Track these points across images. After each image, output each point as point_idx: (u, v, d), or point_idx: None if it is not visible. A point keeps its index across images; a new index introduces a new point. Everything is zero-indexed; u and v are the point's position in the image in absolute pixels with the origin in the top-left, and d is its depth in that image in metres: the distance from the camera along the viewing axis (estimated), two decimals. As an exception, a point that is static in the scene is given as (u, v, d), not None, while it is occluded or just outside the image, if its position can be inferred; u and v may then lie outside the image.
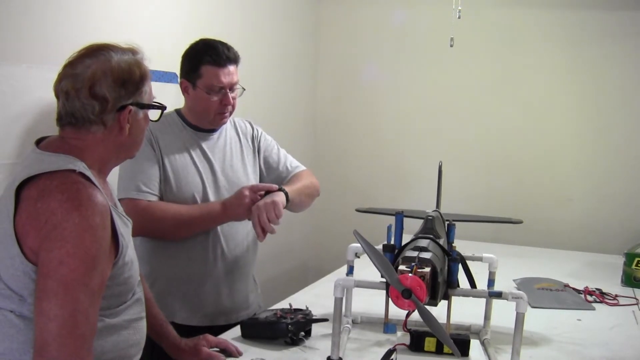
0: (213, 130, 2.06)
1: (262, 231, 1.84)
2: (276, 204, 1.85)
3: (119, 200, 1.83)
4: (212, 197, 1.98)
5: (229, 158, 2.06)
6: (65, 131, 1.29)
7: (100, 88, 1.25)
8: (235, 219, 1.94)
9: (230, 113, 2.03)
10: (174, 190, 1.93)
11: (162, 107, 1.41)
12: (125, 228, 1.32)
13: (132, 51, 1.33)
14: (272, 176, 2.14)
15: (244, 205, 1.88)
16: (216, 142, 2.06)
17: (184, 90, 2.01)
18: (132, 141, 1.35)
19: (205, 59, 1.93)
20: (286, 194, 1.94)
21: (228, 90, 1.96)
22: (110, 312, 1.29)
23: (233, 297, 2.03)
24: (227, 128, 2.11)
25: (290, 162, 2.19)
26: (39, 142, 1.31)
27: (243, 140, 2.13)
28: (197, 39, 2.01)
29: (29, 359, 1.19)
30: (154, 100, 1.39)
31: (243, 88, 2.03)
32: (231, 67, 1.96)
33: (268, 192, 1.92)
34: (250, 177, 2.09)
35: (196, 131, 2.03)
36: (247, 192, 1.90)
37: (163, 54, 2.26)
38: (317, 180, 2.20)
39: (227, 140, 2.09)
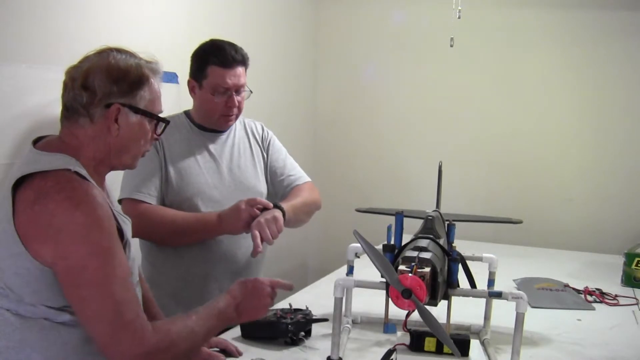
0: (221, 131, 2.04)
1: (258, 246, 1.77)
2: (277, 220, 1.81)
3: (119, 200, 1.84)
4: (217, 197, 1.96)
5: (237, 158, 2.04)
6: (63, 129, 1.30)
7: (92, 81, 1.26)
8: (232, 232, 1.88)
9: (237, 116, 2.01)
10: (175, 190, 1.92)
11: (163, 120, 1.38)
12: (125, 226, 1.32)
13: (143, 59, 1.33)
14: (274, 183, 2.12)
15: (242, 220, 1.81)
16: (224, 143, 2.04)
17: (191, 90, 2.00)
18: (120, 145, 1.31)
19: (212, 59, 1.92)
20: (283, 212, 1.87)
21: (234, 92, 1.94)
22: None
23: None
24: (236, 128, 2.09)
25: (294, 172, 2.14)
26: (36, 142, 1.31)
27: (253, 141, 2.11)
28: (204, 39, 2.00)
29: (24, 358, 1.20)
30: (159, 114, 1.36)
31: (250, 91, 2.00)
32: (238, 69, 1.93)
33: (265, 207, 1.85)
34: (260, 178, 2.08)
35: (203, 131, 2.02)
36: (244, 206, 1.82)
37: (163, 54, 2.24)
38: (318, 195, 2.15)
39: (235, 141, 2.07)
